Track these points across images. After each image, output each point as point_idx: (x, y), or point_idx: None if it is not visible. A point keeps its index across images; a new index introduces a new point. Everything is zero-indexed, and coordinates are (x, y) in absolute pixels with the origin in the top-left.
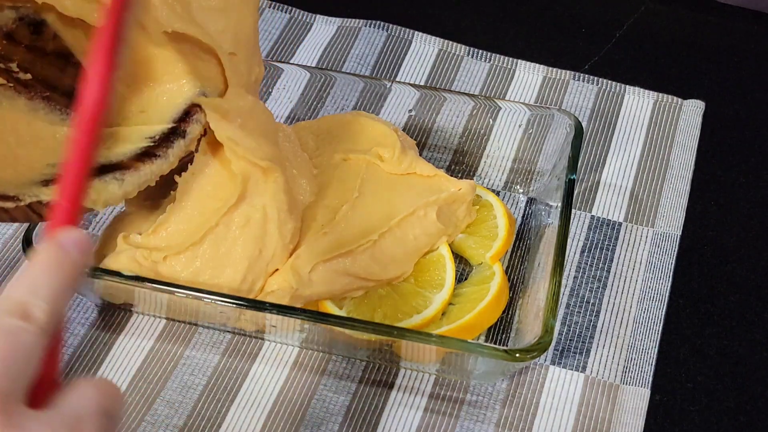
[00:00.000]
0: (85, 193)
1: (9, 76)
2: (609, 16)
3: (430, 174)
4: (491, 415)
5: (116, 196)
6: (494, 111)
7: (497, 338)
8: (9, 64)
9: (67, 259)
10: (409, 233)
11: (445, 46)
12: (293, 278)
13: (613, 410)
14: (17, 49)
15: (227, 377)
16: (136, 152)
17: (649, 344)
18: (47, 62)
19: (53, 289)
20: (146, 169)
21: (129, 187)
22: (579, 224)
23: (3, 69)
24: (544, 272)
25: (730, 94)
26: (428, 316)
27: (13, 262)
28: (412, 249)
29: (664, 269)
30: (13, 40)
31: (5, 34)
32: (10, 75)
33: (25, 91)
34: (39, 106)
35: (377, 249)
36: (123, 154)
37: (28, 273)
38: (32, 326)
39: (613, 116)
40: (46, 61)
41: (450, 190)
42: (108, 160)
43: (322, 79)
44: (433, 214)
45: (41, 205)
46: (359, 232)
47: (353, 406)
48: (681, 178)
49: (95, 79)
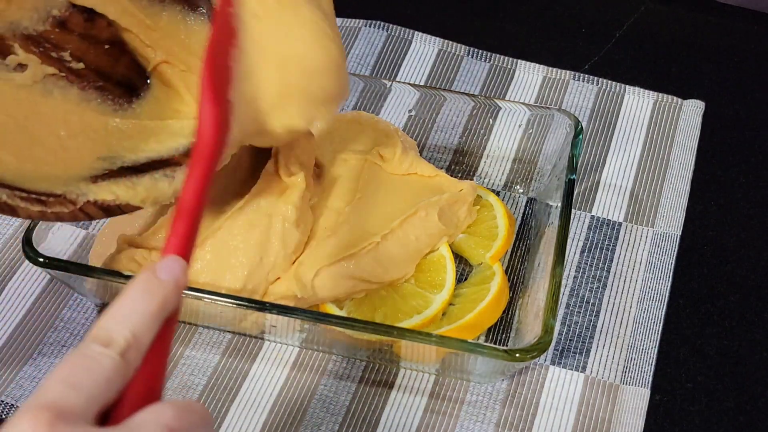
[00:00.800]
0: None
1: (62, 65)
2: (609, 16)
3: (431, 174)
4: (491, 415)
5: (166, 194)
6: (494, 111)
7: (497, 338)
8: (61, 53)
9: (158, 286)
10: (411, 234)
11: (445, 46)
12: (296, 286)
13: (613, 410)
14: (70, 38)
15: (227, 377)
16: (188, 147)
17: (649, 344)
18: (101, 51)
19: (141, 315)
20: None
21: (180, 185)
22: (579, 224)
23: (55, 58)
24: (544, 272)
25: (730, 94)
26: (428, 316)
27: (13, 262)
28: (414, 250)
29: (664, 269)
30: (66, 27)
31: (58, 21)
32: (63, 64)
33: (77, 80)
34: (92, 96)
35: (380, 251)
36: (174, 149)
37: (120, 301)
38: (112, 352)
39: (613, 116)
40: (99, 50)
41: (451, 190)
42: (159, 155)
43: None
44: (434, 214)
45: (89, 204)
46: (362, 235)
47: (353, 406)
48: (681, 178)
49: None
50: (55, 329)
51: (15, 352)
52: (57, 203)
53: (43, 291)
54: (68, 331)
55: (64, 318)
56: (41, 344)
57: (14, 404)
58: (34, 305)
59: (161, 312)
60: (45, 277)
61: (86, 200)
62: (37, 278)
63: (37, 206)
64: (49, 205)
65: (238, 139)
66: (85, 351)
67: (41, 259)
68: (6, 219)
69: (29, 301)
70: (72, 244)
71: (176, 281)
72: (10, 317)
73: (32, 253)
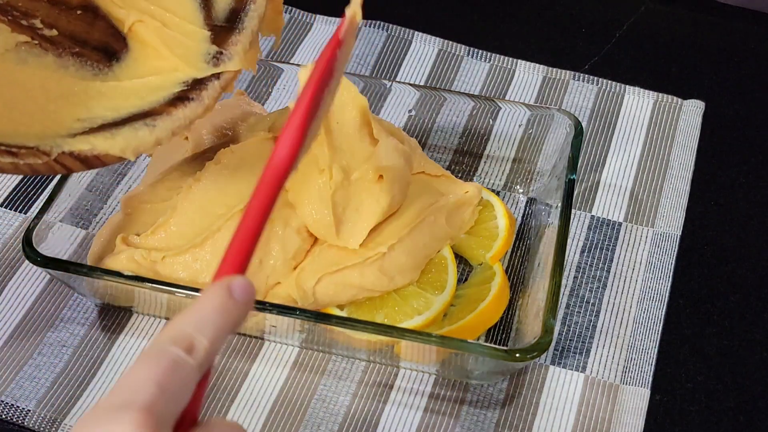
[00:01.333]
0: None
1: (34, 33)
2: (609, 16)
3: (437, 174)
4: (491, 415)
5: (147, 143)
6: (494, 111)
7: (497, 338)
8: (32, 21)
9: (233, 305)
10: (419, 242)
11: (445, 46)
12: (297, 293)
13: (613, 410)
14: (39, 4)
15: (227, 377)
16: (168, 98)
17: (649, 344)
18: (73, 17)
19: (217, 330)
20: (179, 114)
21: (162, 132)
22: (579, 224)
23: (26, 26)
24: (544, 272)
25: (730, 94)
26: (429, 317)
27: (14, 262)
28: (421, 257)
29: (664, 269)
30: None
31: None
32: (35, 32)
33: (52, 48)
34: (69, 62)
35: (386, 260)
36: (155, 102)
37: (197, 309)
38: (193, 360)
39: (613, 116)
40: (71, 15)
41: (457, 192)
42: (140, 109)
43: None
44: (442, 219)
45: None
46: (368, 243)
47: (353, 406)
48: (681, 178)
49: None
50: (55, 329)
51: (15, 352)
52: (30, 154)
53: (43, 291)
54: (68, 331)
55: (64, 318)
56: (41, 344)
57: (14, 404)
58: (34, 305)
59: (230, 331)
60: (45, 277)
61: (61, 151)
62: (37, 278)
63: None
64: (21, 156)
65: None
66: (170, 354)
67: (41, 259)
68: (6, 219)
69: (29, 301)
70: (72, 244)
71: (248, 304)
72: (10, 317)
73: (32, 253)
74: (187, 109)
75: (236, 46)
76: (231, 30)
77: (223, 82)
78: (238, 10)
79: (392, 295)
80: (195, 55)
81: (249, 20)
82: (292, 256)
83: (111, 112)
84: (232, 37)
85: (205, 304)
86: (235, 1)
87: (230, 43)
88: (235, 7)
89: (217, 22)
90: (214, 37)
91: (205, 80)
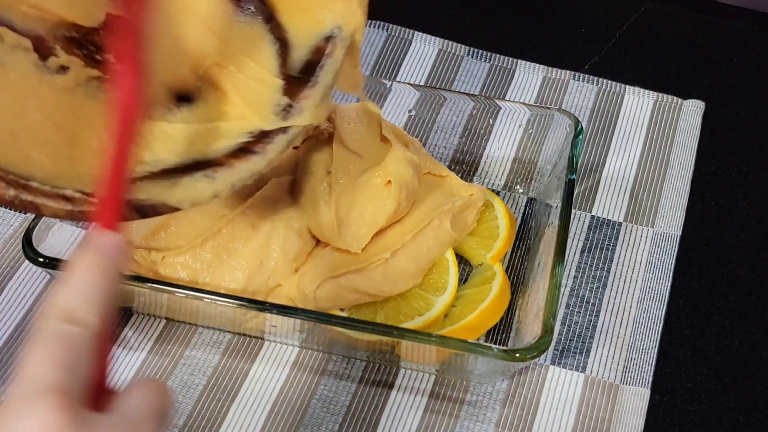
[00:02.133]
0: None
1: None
2: (609, 16)
3: (442, 174)
4: (491, 415)
5: (205, 196)
6: (494, 111)
7: (497, 338)
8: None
9: (106, 263)
10: (423, 246)
11: (445, 46)
12: (298, 297)
13: (613, 410)
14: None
15: (227, 377)
16: (232, 148)
17: (649, 344)
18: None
19: (97, 293)
20: (242, 167)
21: (221, 186)
22: (579, 224)
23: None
24: (544, 272)
25: (730, 94)
26: (430, 318)
27: (13, 262)
28: (425, 262)
29: (664, 269)
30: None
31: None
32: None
33: None
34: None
35: (389, 266)
36: (219, 151)
37: (70, 279)
38: (82, 329)
39: (613, 116)
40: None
41: (461, 194)
42: (204, 157)
43: None
44: (447, 222)
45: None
46: (372, 248)
47: (353, 406)
48: (681, 178)
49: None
50: None
51: (15, 352)
52: (86, 202)
53: (43, 291)
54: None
55: None
56: None
57: None
58: (34, 305)
59: (114, 286)
60: (45, 277)
61: None
62: (37, 278)
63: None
64: (76, 203)
65: None
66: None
67: (41, 259)
68: (6, 219)
69: (29, 301)
70: (72, 244)
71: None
72: (10, 317)
73: (32, 253)
74: (249, 163)
75: (308, 100)
76: (304, 82)
77: (290, 137)
78: (314, 62)
79: (393, 296)
80: (265, 105)
81: (324, 75)
82: (293, 257)
83: (174, 156)
84: (305, 90)
85: (79, 271)
86: (312, 53)
87: (302, 96)
88: (311, 59)
89: (291, 72)
90: (287, 87)
91: (272, 133)
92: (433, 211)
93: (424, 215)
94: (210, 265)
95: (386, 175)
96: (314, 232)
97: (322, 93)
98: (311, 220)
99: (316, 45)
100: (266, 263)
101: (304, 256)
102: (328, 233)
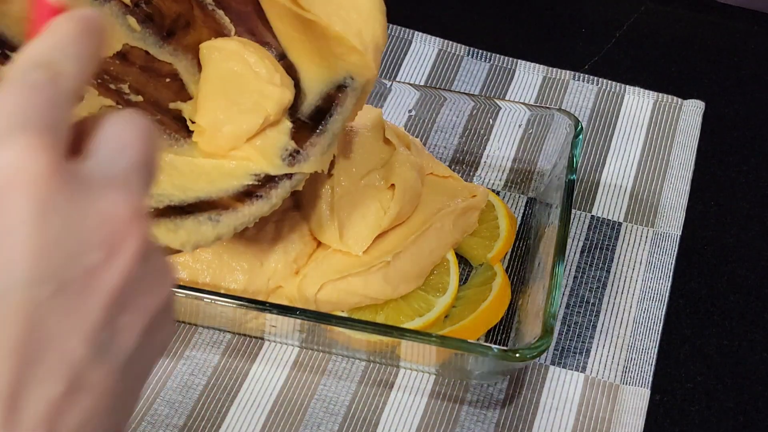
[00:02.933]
0: None
1: (120, 97)
2: (609, 16)
3: (445, 175)
4: (491, 415)
5: (208, 239)
6: (494, 111)
7: (497, 338)
8: (120, 85)
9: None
10: (426, 249)
11: (445, 46)
12: (299, 299)
13: (613, 410)
14: (131, 70)
15: (227, 377)
16: (238, 190)
17: (649, 344)
18: (161, 84)
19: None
20: (245, 211)
21: (224, 229)
22: (579, 224)
23: (114, 90)
24: (544, 272)
25: (730, 94)
26: (431, 319)
27: None
28: (427, 265)
29: (664, 269)
30: (126, 60)
31: (120, 54)
32: (121, 96)
33: None
34: None
35: (390, 269)
36: (224, 191)
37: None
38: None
39: (613, 116)
40: (159, 83)
41: (464, 195)
42: (208, 196)
43: None
44: (450, 224)
45: None
46: (374, 251)
47: (353, 406)
48: (681, 178)
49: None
50: None
51: None
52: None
53: None
54: None
55: None
56: None
57: None
58: None
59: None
60: None
61: None
62: None
63: None
64: None
65: None
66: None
67: None
68: None
69: None
70: None
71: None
72: None
73: None
74: (253, 207)
75: (314, 148)
76: (312, 129)
77: (294, 182)
78: (324, 110)
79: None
80: (272, 148)
81: (332, 123)
82: (294, 259)
83: (179, 191)
84: (313, 138)
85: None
86: (323, 101)
87: (309, 143)
88: (321, 106)
89: (300, 116)
90: (295, 131)
91: (277, 178)
92: (436, 213)
93: (427, 217)
94: (210, 266)
95: (390, 178)
96: (315, 234)
97: (329, 141)
98: (313, 221)
99: (328, 92)
100: (267, 264)
101: (305, 257)
102: (329, 235)
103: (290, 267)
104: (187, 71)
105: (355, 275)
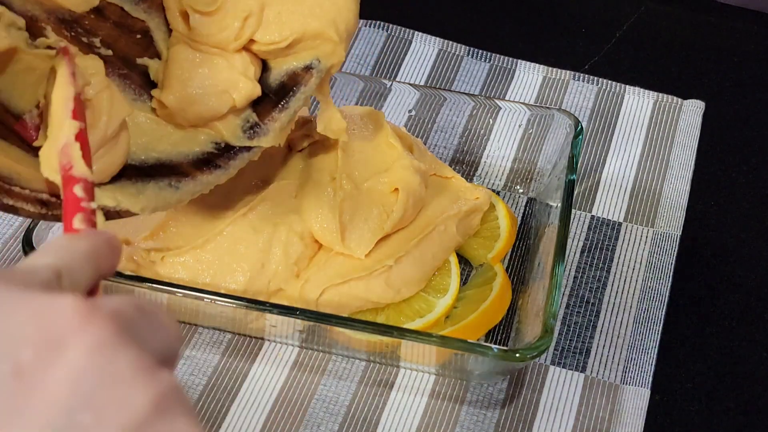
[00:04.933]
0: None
1: (90, 50)
2: (609, 16)
3: (447, 176)
4: (491, 415)
5: (168, 204)
6: (494, 111)
7: (497, 338)
8: (92, 39)
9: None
10: (429, 252)
11: (445, 46)
12: (300, 304)
13: (613, 410)
14: (104, 24)
15: (227, 377)
16: (198, 156)
17: (649, 344)
18: (132, 41)
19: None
20: (203, 179)
21: (184, 195)
22: (579, 224)
23: (86, 43)
24: (544, 272)
25: (730, 94)
26: (431, 319)
27: (14, 262)
28: (429, 268)
29: (664, 269)
30: (102, 14)
31: (96, 9)
32: (92, 49)
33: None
34: (114, 82)
35: (393, 273)
36: (184, 155)
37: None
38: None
39: (613, 116)
40: (131, 39)
41: (467, 197)
42: (169, 159)
43: None
44: (453, 227)
45: None
46: (376, 254)
47: (353, 406)
48: (681, 178)
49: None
50: None
51: None
52: (59, 206)
53: None
54: None
55: None
56: None
57: None
58: None
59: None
60: None
61: None
62: None
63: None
64: (51, 208)
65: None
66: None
67: None
68: (6, 219)
69: None
70: None
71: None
72: None
73: None
74: (212, 176)
75: (275, 123)
76: (275, 104)
77: (251, 155)
78: (288, 87)
79: None
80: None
81: (295, 101)
82: (295, 261)
83: (141, 150)
84: (275, 113)
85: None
86: (288, 78)
87: (271, 118)
88: (286, 82)
89: (265, 89)
90: (257, 104)
91: (236, 149)
92: (439, 216)
93: (430, 220)
94: (211, 266)
95: (393, 182)
96: (317, 237)
97: (289, 117)
98: (315, 224)
99: (294, 71)
100: (268, 266)
101: (306, 260)
102: (330, 238)
103: (291, 269)
104: (158, 28)
105: (357, 279)
